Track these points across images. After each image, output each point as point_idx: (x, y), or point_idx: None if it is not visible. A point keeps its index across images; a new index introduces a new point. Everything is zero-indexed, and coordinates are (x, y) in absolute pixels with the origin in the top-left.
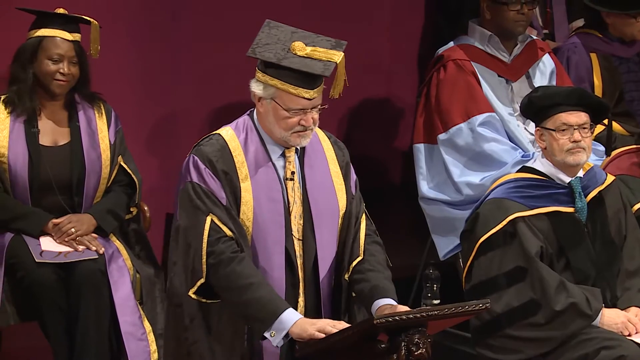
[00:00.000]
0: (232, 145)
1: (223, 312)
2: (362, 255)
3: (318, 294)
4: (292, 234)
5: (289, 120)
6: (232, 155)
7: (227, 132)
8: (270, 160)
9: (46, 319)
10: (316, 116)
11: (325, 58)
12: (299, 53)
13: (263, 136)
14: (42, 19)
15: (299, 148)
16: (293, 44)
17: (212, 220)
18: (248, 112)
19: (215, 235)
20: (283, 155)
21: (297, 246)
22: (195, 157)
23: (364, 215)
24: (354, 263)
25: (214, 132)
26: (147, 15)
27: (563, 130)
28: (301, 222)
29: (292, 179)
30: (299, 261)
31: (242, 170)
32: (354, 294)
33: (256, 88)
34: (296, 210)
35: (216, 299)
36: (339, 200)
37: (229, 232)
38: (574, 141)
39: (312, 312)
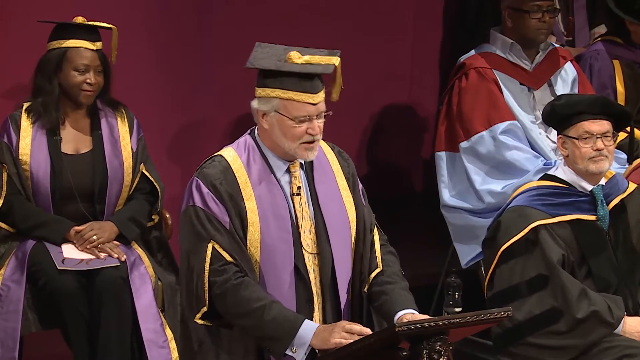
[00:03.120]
0: (234, 166)
1: (233, 332)
2: (380, 266)
3: (338, 308)
4: (304, 249)
5: (296, 130)
6: (235, 176)
7: (229, 152)
8: (275, 177)
9: (68, 327)
10: (321, 125)
11: (323, 62)
12: (296, 61)
13: (266, 153)
14: (63, 30)
15: (304, 162)
16: (289, 54)
17: (213, 247)
18: (249, 131)
19: (217, 262)
20: (288, 171)
21: (310, 261)
22: (199, 180)
23: (375, 226)
24: (373, 274)
25: (216, 154)
26: (170, 23)
27: (586, 138)
28: (311, 236)
29: (298, 194)
30: (312, 276)
31: (247, 190)
32: (372, 307)
33: (258, 105)
34: (305, 225)
35: (223, 322)
36: (348, 213)
37: (229, 259)
38: (597, 149)
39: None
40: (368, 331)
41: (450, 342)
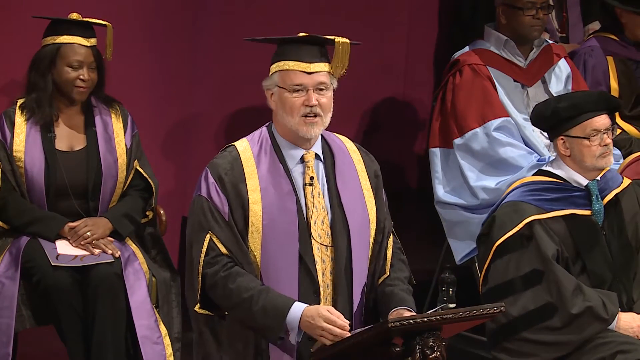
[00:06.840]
0: (244, 156)
1: (232, 324)
2: (388, 272)
3: (351, 303)
4: (313, 239)
5: (293, 102)
6: (243, 166)
7: (242, 143)
8: (286, 170)
9: (62, 323)
10: (324, 100)
11: (322, 36)
12: (299, 35)
13: (280, 144)
14: (58, 26)
15: (321, 155)
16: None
17: (210, 238)
18: (267, 123)
19: (211, 254)
20: (302, 160)
21: (320, 252)
22: (208, 171)
23: (391, 233)
24: (381, 280)
25: (230, 144)
26: (165, 19)
27: (594, 136)
28: (324, 227)
29: (311, 184)
30: (320, 267)
31: (252, 181)
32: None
33: (264, 83)
34: (317, 215)
35: (222, 313)
36: (369, 212)
37: (224, 250)
38: (605, 144)
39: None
40: (346, 323)
41: (444, 338)
